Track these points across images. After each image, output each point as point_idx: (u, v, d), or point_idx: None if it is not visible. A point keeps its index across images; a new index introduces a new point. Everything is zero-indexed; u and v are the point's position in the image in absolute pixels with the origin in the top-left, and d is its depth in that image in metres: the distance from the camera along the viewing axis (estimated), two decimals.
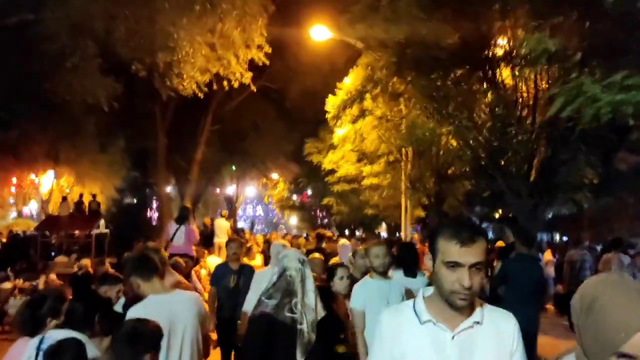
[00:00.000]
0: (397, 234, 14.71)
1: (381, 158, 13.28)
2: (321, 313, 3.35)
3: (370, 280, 4.40)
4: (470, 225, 1.85)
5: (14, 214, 33.93)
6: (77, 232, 22.10)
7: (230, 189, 34.10)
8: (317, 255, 5.69)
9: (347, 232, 21.13)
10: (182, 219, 10.31)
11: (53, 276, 12.50)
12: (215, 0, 11.44)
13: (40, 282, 11.99)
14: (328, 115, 11.67)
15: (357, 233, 18.91)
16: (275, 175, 30.45)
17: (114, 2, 10.27)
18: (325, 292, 3.91)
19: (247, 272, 5.99)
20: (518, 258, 5.87)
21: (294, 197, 29.13)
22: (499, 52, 8.48)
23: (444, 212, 11.53)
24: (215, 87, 13.16)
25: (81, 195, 22.13)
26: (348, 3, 10.91)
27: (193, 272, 10.51)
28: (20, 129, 23.08)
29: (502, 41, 8.36)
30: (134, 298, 3.81)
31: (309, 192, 28.43)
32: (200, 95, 12.24)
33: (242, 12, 12.01)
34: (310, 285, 3.36)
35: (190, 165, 20.53)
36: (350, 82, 11.12)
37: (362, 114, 11.30)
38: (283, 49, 16.98)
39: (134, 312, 3.47)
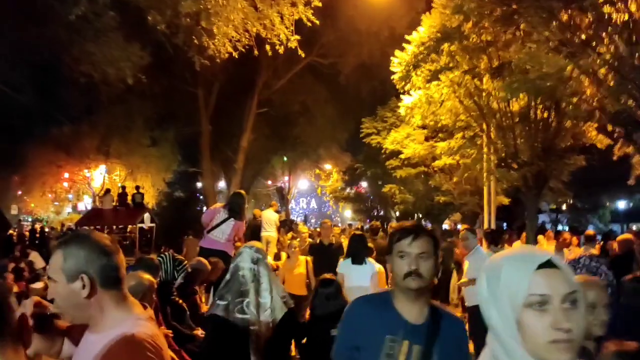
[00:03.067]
0: (477, 225, 11.79)
1: (457, 133, 10.44)
2: (280, 313, 3.00)
3: None
4: None
5: (69, 210, 33.19)
6: (120, 226, 20.46)
7: (282, 182, 31.93)
8: None
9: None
10: (235, 212, 7.01)
11: None
12: None
13: None
14: (394, 77, 8.88)
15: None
16: (328, 166, 28.01)
17: None
18: None
19: None
20: None
21: (348, 189, 26.50)
22: None
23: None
24: (255, 52, 10.65)
25: (124, 188, 20.32)
26: None
27: None
28: (70, 124, 21.97)
29: None
30: None
31: (364, 184, 25.74)
32: (235, 54, 9.68)
33: None
34: (266, 284, 3.03)
35: (237, 154, 18.18)
36: (424, 30, 8.31)
37: (436, 76, 8.45)
38: (335, 14, 14.33)
39: None
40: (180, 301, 5.72)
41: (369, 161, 17.16)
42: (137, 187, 19.73)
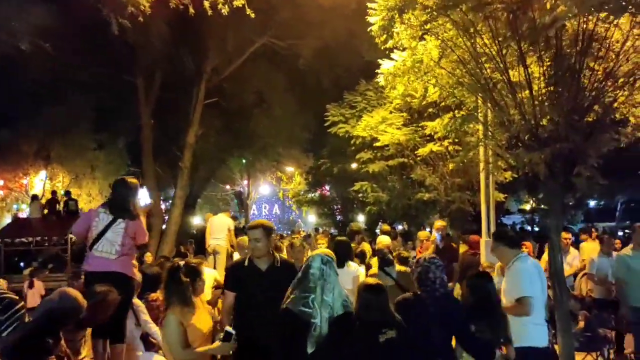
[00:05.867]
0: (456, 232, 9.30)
1: (446, 113, 8.01)
2: (338, 311, 3.18)
3: None
4: None
5: (9, 220, 29.58)
6: (54, 237, 17.35)
7: (242, 186, 29.12)
8: None
9: (378, 229, 15.80)
10: (120, 208, 4.46)
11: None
12: None
13: None
14: (373, 27, 6.35)
15: (400, 228, 13.51)
16: (290, 169, 25.38)
17: None
18: None
19: None
20: None
21: (309, 195, 23.85)
22: None
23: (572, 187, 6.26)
24: (191, 10, 7.98)
25: (53, 193, 17.19)
26: None
27: (139, 309, 5.33)
28: (5, 126, 19.05)
29: None
30: None
31: (327, 186, 23.15)
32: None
33: None
34: (332, 285, 3.22)
35: (184, 152, 15.25)
36: None
37: (434, 19, 5.96)
38: None
39: None
40: None
41: (336, 156, 14.49)
42: (68, 193, 16.65)
